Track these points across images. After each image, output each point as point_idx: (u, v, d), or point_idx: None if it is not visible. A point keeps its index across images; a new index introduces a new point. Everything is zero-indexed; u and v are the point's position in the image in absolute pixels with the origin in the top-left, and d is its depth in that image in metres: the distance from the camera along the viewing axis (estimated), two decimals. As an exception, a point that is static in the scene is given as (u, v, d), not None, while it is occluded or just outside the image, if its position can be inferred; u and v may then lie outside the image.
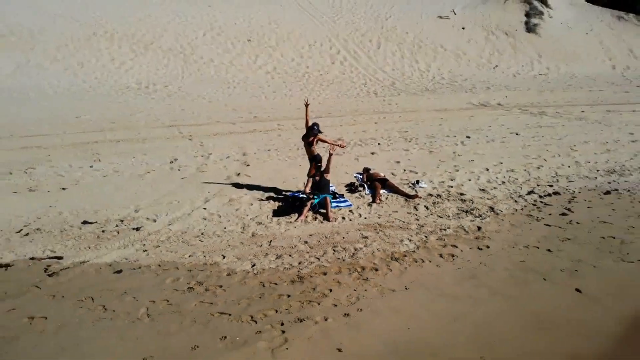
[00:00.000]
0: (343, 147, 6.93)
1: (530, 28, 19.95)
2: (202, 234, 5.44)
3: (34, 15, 16.85)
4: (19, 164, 7.67)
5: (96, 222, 5.71)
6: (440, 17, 19.70)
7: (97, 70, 14.37)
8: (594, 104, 13.30)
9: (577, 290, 4.60)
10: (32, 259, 5.04)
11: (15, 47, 15.18)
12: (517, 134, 9.38)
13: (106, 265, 4.88)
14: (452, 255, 5.04)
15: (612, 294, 4.58)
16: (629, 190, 7.03)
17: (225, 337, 3.71)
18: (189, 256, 4.96)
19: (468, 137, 9.15)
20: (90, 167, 7.48)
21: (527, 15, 20.74)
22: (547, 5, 22.06)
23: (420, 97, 13.79)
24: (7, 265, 4.96)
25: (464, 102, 12.94)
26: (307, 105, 6.73)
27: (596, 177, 7.49)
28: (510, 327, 4.03)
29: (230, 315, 3.98)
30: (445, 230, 5.54)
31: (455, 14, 20.19)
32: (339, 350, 3.62)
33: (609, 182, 7.33)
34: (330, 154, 6.26)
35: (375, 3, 21.50)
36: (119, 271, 4.75)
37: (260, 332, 3.77)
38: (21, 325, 4.00)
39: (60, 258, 5.05)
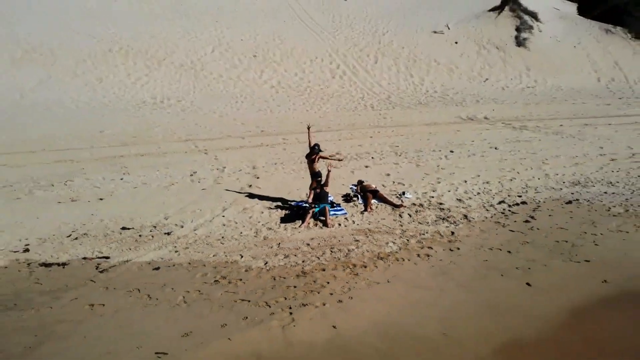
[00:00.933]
0: (341, 160, 8.04)
1: (520, 42, 21.06)
2: (222, 237, 6.57)
3: (53, 32, 18.04)
4: (57, 176, 8.82)
5: (133, 228, 6.85)
6: (435, 32, 20.83)
7: (115, 85, 15.54)
8: (574, 117, 14.40)
9: (528, 284, 5.71)
10: (84, 258, 6.16)
11: (37, 62, 16.37)
12: (496, 149, 10.49)
13: (146, 263, 6.00)
14: (428, 255, 6.15)
15: (557, 287, 5.68)
16: (588, 200, 8.13)
17: (246, 317, 4.83)
18: (213, 256, 6.09)
19: (452, 151, 10.27)
20: (121, 179, 8.62)
21: (518, 29, 21.85)
22: (537, 19, 23.18)
23: (413, 111, 14.92)
24: (64, 264, 6.07)
25: (453, 116, 14.05)
26: (309, 128, 7.85)
27: (561, 189, 8.59)
28: (469, 312, 5.15)
29: (249, 301, 5.10)
30: (424, 234, 6.66)
31: (449, 28, 21.32)
32: (334, 327, 4.73)
33: (572, 193, 8.43)
34: (329, 170, 7.38)
35: (373, 18, 22.66)
36: (157, 268, 5.87)
37: (273, 313, 4.89)
38: (84, 310, 5.12)
39: (107, 258, 6.17)
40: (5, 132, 12.13)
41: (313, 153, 7.43)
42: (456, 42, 20.38)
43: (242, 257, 6.04)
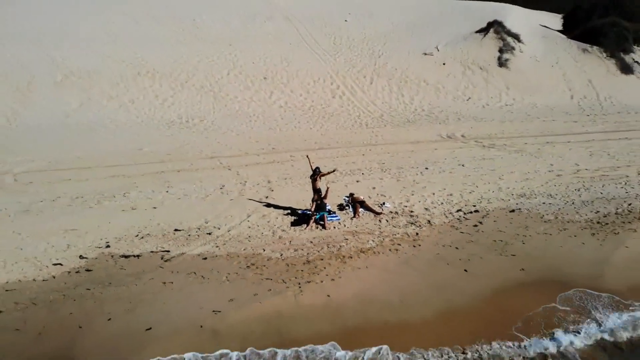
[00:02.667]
0: (334, 171, 10.45)
1: (502, 63, 23.44)
2: (249, 236, 9.03)
3: (87, 57, 20.58)
4: (116, 189, 11.31)
5: (183, 230, 9.32)
6: (425, 54, 23.25)
7: (145, 106, 18.06)
8: (540, 135, 16.79)
9: (465, 270, 8.14)
10: (152, 252, 8.62)
11: (77, 86, 18.91)
12: (463, 166, 12.92)
13: (196, 255, 8.47)
14: (397, 250, 8.60)
15: (486, 274, 8.11)
16: (528, 209, 10.53)
17: (270, 290, 7.30)
18: (244, 250, 8.55)
19: (427, 168, 12.70)
20: (167, 191, 11.11)
21: (500, 50, 24.23)
22: (519, 40, 25.56)
23: (401, 129, 17.35)
24: (138, 255, 8.53)
25: (435, 134, 16.48)
26: (307, 157, 10.31)
27: (509, 200, 11.00)
28: (420, 288, 7.59)
29: (271, 279, 7.57)
30: (395, 235, 9.10)
31: (438, 50, 23.73)
32: (328, 296, 7.19)
33: (517, 203, 10.83)
34: (327, 187, 9.83)
35: (371, 40, 25.11)
36: (205, 258, 8.34)
37: (287, 287, 7.35)
38: (159, 286, 7.59)
39: (168, 251, 8.62)
40: (58, 149, 14.66)
41: (315, 174, 9.87)
42: (444, 64, 22.79)
43: (264, 250, 8.50)
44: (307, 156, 10.43)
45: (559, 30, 30.18)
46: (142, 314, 6.92)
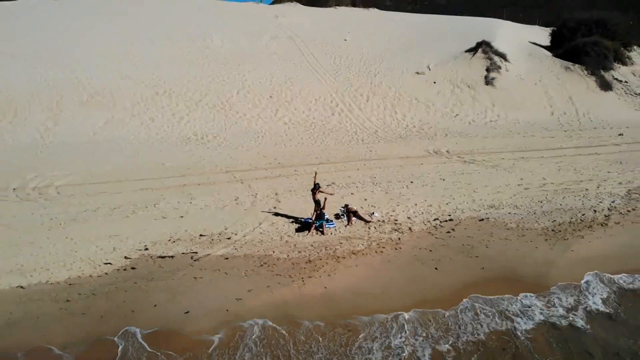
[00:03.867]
0: (332, 194, 12.46)
1: (488, 81, 25.45)
2: (261, 241, 11.01)
3: (109, 77, 22.69)
4: (147, 201, 13.32)
5: (207, 235, 11.31)
6: (417, 73, 25.29)
7: (164, 124, 20.12)
8: (517, 150, 18.75)
9: (436, 268, 10.11)
10: (183, 253, 10.60)
11: (101, 105, 20.99)
12: (443, 180, 14.90)
13: (219, 255, 10.44)
14: (382, 252, 10.56)
15: (453, 271, 10.07)
16: (495, 219, 12.50)
17: (279, 283, 9.27)
18: (257, 251, 10.53)
19: (412, 182, 14.69)
20: (190, 202, 13.12)
21: (487, 69, 26.24)
22: (506, 60, 27.59)
23: (393, 144, 19.35)
24: (171, 256, 10.50)
25: (423, 150, 18.47)
26: (315, 173, 12.32)
27: (480, 210, 12.95)
28: (400, 282, 9.56)
29: (280, 275, 9.54)
30: (381, 240, 11.07)
31: (429, 69, 25.77)
32: (325, 287, 9.17)
33: (486, 213, 12.78)
34: (325, 199, 11.82)
35: (368, 59, 27.18)
36: (227, 258, 10.32)
37: (293, 281, 9.33)
38: (192, 280, 9.57)
39: (196, 253, 10.60)
40: (89, 164, 16.68)
41: (315, 189, 11.85)
42: (434, 82, 24.82)
43: (274, 252, 10.49)
44: (315, 173, 12.46)
45: (546, 46, 32.21)
46: (180, 301, 8.90)
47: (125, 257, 10.42)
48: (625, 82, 28.59)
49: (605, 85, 27.54)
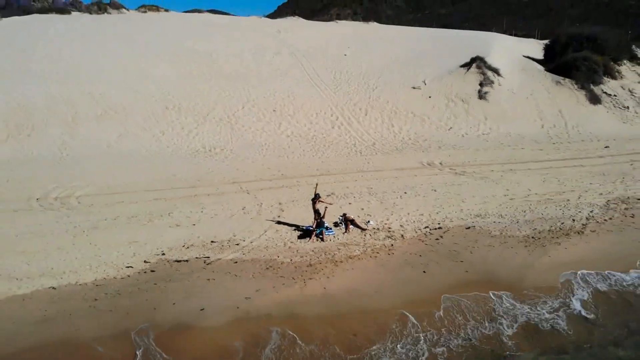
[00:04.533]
0: (331, 204, 13.64)
1: (481, 95, 26.66)
2: (266, 247, 12.16)
3: (122, 94, 24.00)
4: (162, 210, 14.50)
5: (217, 241, 12.47)
6: (414, 88, 26.55)
7: (174, 137, 21.36)
8: (506, 162, 19.88)
9: (424, 272, 11.24)
10: (196, 257, 11.74)
11: (115, 119, 22.27)
12: (435, 191, 16.06)
13: (229, 260, 11.59)
14: (376, 257, 11.70)
15: (439, 274, 11.20)
16: (480, 227, 13.63)
17: (284, 284, 10.42)
18: (263, 256, 11.68)
19: (405, 192, 15.86)
20: (202, 211, 14.31)
21: (481, 84, 27.46)
22: (499, 74, 28.83)
23: (389, 156, 20.54)
24: (186, 260, 11.64)
25: (417, 162, 19.64)
26: (317, 185, 13.50)
27: (467, 219, 14.08)
28: (391, 283, 10.69)
29: (284, 277, 10.69)
30: (375, 246, 12.21)
31: (425, 84, 27.04)
32: (324, 288, 10.32)
33: (472, 222, 13.92)
34: (326, 208, 12.98)
35: (367, 74, 28.48)
36: (236, 262, 11.46)
37: (296, 282, 10.47)
38: (205, 281, 10.72)
39: (208, 257, 11.74)
40: (106, 175, 17.88)
41: (315, 199, 13.03)
42: (430, 97, 26.06)
43: (278, 257, 11.65)
44: (316, 184, 13.66)
45: (540, 60, 33.44)
46: (195, 300, 10.05)
47: (145, 261, 11.58)
48: (614, 95, 29.76)
49: (595, 99, 28.71)
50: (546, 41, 36.92)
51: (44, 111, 22.25)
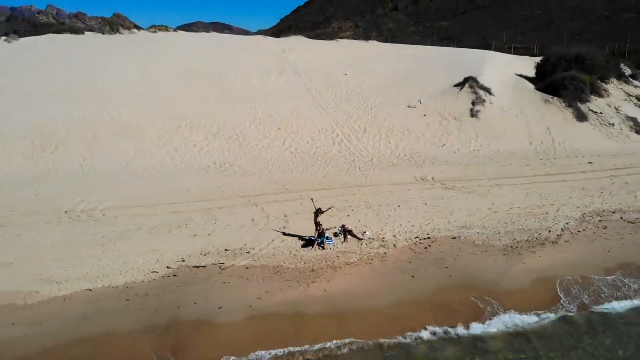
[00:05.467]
0: (330, 208, 15.23)
1: (473, 113, 28.37)
2: (274, 254, 13.77)
3: (138, 113, 25.80)
4: (179, 221, 16.15)
5: (230, 249, 14.09)
6: (409, 106, 28.30)
7: (187, 153, 23.09)
8: (494, 178, 21.49)
9: (412, 276, 12.82)
10: (213, 264, 13.35)
11: (131, 137, 24.03)
12: (426, 204, 17.68)
13: (241, 266, 13.19)
14: (370, 263, 13.29)
15: (426, 278, 12.79)
16: (465, 237, 15.21)
17: (289, 286, 12.01)
18: (271, 262, 13.28)
19: (399, 205, 17.48)
20: (215, 223, 15.95)
21: (473, 103, 29.20)
22: (490, 93, 30.58)
23: (386, 171, 22.19)
24: (204, 266, 13.25)
25: (411, 177, 21.28)
26: (312, 199, 15.15)
27: (454, 230, 15.67)
28: (383, 287, 12.27)
29: (290, 280, 12.28)
30: (370, 254, 13.80)
31: (420, 103, 28.79)
32: (325, 290, 11.91)
33: (458, 233, 15.50)
34: (325, 210, 14.60)
35: (365, 93, 30.28)
36: (247, 267, 13.07)
37: (300, 285, 12.07)
38: (221, 284, 12.33)
39: (223, 263, 13.35)
40: (126, 190, 19.57)
41: (316, 212, 14.66)
42: (425, 115, 27.80)
43: (284, 263, 13.26)
44: (312, 199, 15.27)
45: (532, 78, 35.20)
46: (214, 300, 11.64)
47: (168, 267, 13.20)
48: (600, 113, 31.46)
49: (581, 117, 30.40)
50: (539, 58, 38.89)
51: (65, 130, 24.04)
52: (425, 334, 10.65)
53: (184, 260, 13.54)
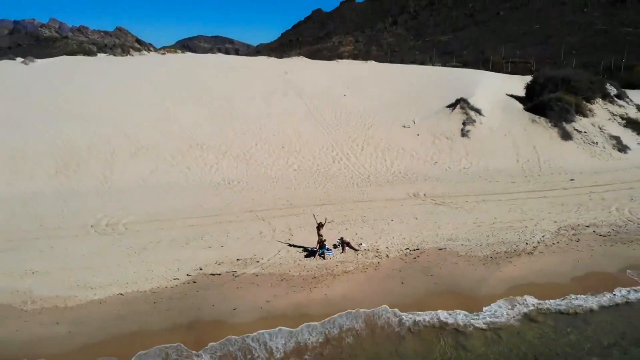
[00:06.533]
0: (327, 219, 17.11)
1: (464, 133, 30.39)
2: (280, 264, 15.62)
3: (152, 134, 27.85)
4: (195, 235, 18.02)
5: (242, 259, 15.95)
6: (404, 126, 30.34)
7: (198, 172, 25.06)
8: (480, 194, 23.39)
9: (402, 282, 14.65)
10: (227, 272, 15.18)
11: (147, 157, 26.03)
12: (416, 218, 19.56)
13: (252, 274, 15.04)
14: (365, 272, 15.13)
15: (415, 284, 14.63)
16: (450, 248, 17.04)
17: (295, 291, 13.86)
18: (278, 271, 15.12)
19: (392, 220, 19.36)
20: (227, 236, 17.83)
21: (464, 123, 31.24)
22: (480, 114, 32.65)
23: (381, 187, 24.12)
24: (219, 274, 15.08)
25: (405, 193, 23.19)
26: (314, 215, 17.05)
27: (440, 242, 17.51)
28: (377, 292, 14.11)
29: (295, 286, 14.12)
30: (366, 263, 15.64)
31: (415, 123, 30.84)
32: (325, 294, 13.76)
33: (445, 244, 17.34)
34: (321, 225, 16.48)
35: (363, 114, 32.37)
36: (257, 275, 14.90)
37: (303, 289, 13.91)
38: (235, 289, 14.17)
39: (235, 271, 15.18)
40: (144, 206, 21.47)
41: (318, 226, 16.54)
42: (418, 134, 29.81)
43: (290, 271, 15.11)
44: (314, 215, 17.19)
45: (522, 97, 37.27)
46: (229, 302, 13.47)
47: (187, 275, 15.05)
48: (585, 132, 33.45)
49: (566, 136, 32.37)
50: (530, 77, 41.04)
51: (86, 149, 26.06)
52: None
53: (201, 269, 15.40)
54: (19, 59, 44.78)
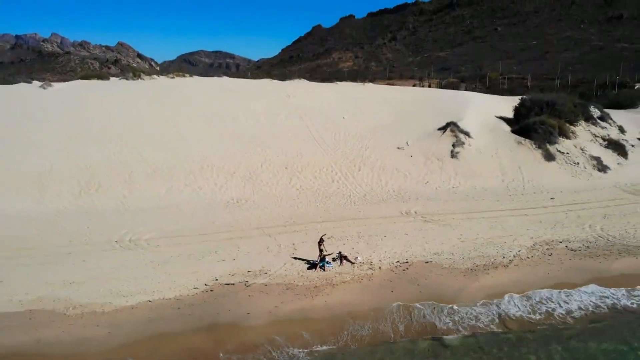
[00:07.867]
0: (325, 234, 19.41)
1: (453, 154, 32.81)
2: (285, 275, 17.87)
3: (166, 155, 30.25)
4: (209, 249, 20.29)
5: (252, 271, 18.20)
6: (398, 148, 32.81)
7: (209, 191, 27.40)
8: (466, 212, 25.69)
9: (392, 291, 16.91)
10: (239, 282, 17.42)
11: (162, 177, 28.39)
12: (406, 235, 21.87)
13: (261, 284, 17.28)
14: (360, 282, 17.38)
15: (403, 293, 16.90)
16: (436, 262, 19.29)
17: (299, 298, 16.11)
18: (284, 281, 17.36)
19: (385, 236, 21.66)
20: (238, 250, 20.11)
21: (454, 145, 33.69)
22: (469, 136, 35.12)
23: (376, 206, 26.45)
24: (232, 284, 17.31)
25: (397, 211, 25.52)
26: (322, 236, 19.37)
27: (427, 256, 19.77)
28: (369, 298, 16.39)
29: (299, 294, 16.39)
30: (360, 274, 17.89)
31: (408, 145, 33.32)
32: (326, 301, 16.01)
33: (431, 258, 19.60)
34: (323, 241, 18.78)
35: (361, 136, 34.85)
36: (266, 285, 17.14)
37: (306, 297, 16.19)
38: (247, 297, 16.44)
39: (247, 281, 17.41)
40: (162, 223, 23.77)
41: (320, 241, 18.82)
42: (411, 156, 32.26)
43: (294, 281, 17.36)
44: (321, 235, 19.52)
45: (511, 119, 39.73)
46: (243, 308, 15.72)
47: (205, 284, 17.31)
48: (567, 153, 35.89)
49: (549, 157, 34.78)
50: (519, 99, 43.56)
51: (106, 170, 28.43)
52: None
53: (217, 279, 17.66)
54: (36, 83, 47.45)
